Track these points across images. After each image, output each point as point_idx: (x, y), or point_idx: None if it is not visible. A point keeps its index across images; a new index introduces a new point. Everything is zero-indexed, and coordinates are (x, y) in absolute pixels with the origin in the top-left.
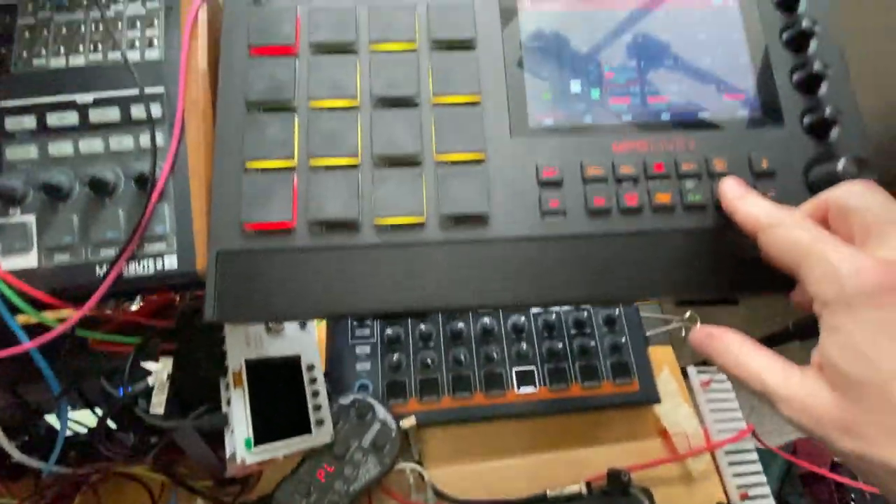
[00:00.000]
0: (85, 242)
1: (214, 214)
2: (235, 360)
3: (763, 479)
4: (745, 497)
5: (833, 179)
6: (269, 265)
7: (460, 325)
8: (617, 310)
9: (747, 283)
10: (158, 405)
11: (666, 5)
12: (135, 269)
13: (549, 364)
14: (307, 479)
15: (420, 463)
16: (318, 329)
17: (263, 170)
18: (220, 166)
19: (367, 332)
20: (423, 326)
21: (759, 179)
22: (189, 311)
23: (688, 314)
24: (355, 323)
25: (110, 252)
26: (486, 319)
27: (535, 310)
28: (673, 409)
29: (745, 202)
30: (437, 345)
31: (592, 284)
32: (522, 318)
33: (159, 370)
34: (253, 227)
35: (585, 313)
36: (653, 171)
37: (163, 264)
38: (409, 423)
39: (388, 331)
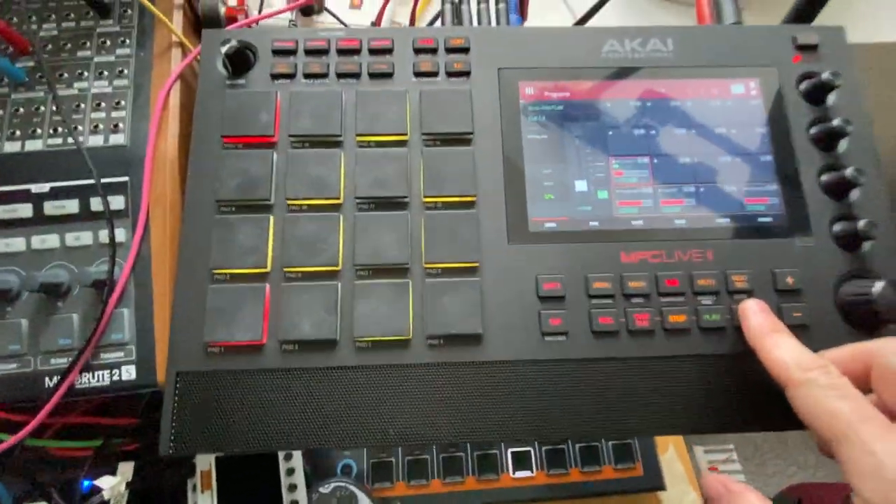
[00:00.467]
0: (34, 350)
1: (175, 329)
2: (205, 457)
3: None
4: None
5: (867, 302)
6: (236, 389)
7: None
8: None
9: (773, 419)
10: None
11: (681, 95)
12: (88, 379)
13: (547, 445)
14: None
15: None
16: None
17: (232, 277)
18: (184, 273)
19: None
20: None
21: (783, 297)
22: (154, 405)
23: None
24: None
25: (62, 361)
26: None
27: None
28: (679, 496)
29: (771, 343)
30: None
31: (597, 416)
32: None
33: (116, 484)
34: (218, 345)
35: None
36: (665, 286)
37: (120, 375)
38: None
39: None
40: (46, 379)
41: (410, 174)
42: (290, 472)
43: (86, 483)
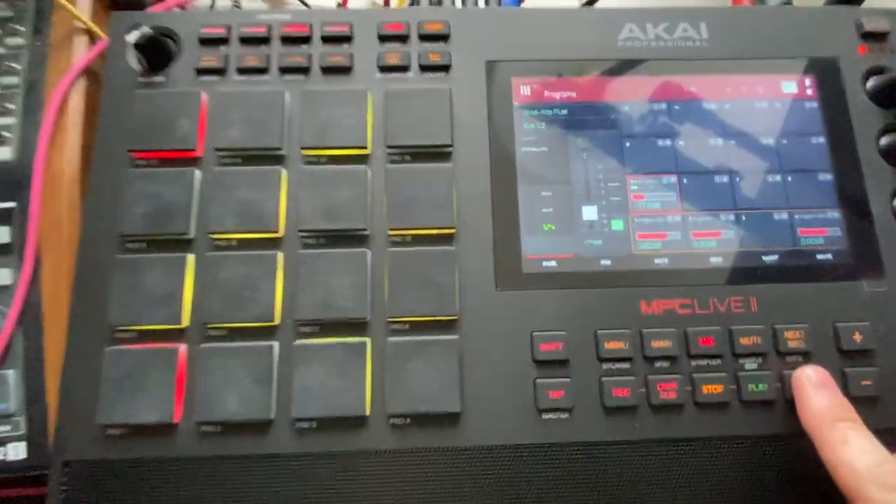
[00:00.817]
0: None
1: (63, 405)
2: None
3: None
4: None
5: None
6: (141, 483)
7: None
8: None
9: None
10: None
11: (718, 95)
12: None
13: None
14: None
15: None
16: None
17: (139, 336)
18: (77, 330)
19: None
20: None
21: (848, 360)
22: None
23: None
24: None
25: None
26: None
27: None
28: None
29: (838, 437)
30: None
31: None
32: None
33: None
34: (117, 427)
35: None
36: (698, 346)
37: (5, 453)
38: None
39: None
40: None
41: (372, 199)
42: None
43: None
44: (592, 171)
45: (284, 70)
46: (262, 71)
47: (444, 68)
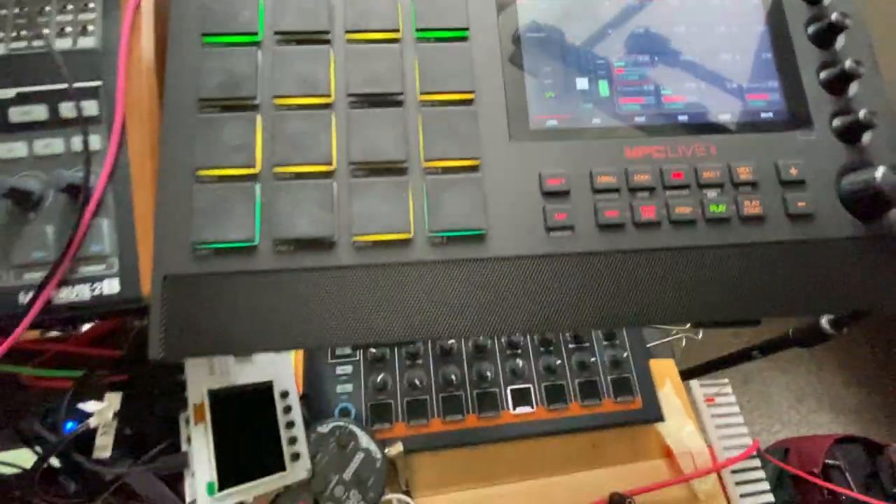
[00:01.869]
0: (5, 265)
1: (159, 232)
2: (197, 390)
3: (771, 498)
4: None
5: (870, 189)
6: (227, 291)
7: (450, 341)
8: None
9: (773, 304)
10: (103, 449)
11: None
12: (67, 294)
13: (547, 381)
14: None
15: (408, 493)
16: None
17: (219, 178)
18: (167, 174)
19: (348, 350)
20: (410, 345)
21: (788, 188)
22: (143, 337)
23: (688, 324)
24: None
25: (37, 275)
26: None
27: None
28: (677, 427)
29: None
30: (425, 363)
31: (604, 308)
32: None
33: (103, 409)
34: (207, 247)
35: None
36: (671, 180)
37: (101, 289)
38: (395, 450)
39: (373, 349)
40: (20, 294)
41: (405, 71)
42: (287, 410)
43: (69, 425)
44: (583, 51)
45: None
46: None
47: None
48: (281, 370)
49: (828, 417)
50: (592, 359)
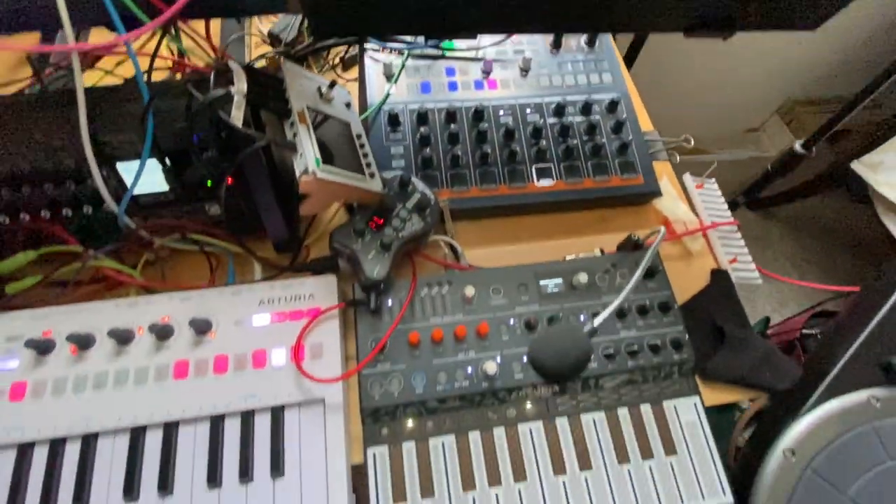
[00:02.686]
0: None
1: None
2: (298, 104)
3: (746, 250)
4: (733, 261)
5: None
6: None
7: (485, 125)
8: (624, 113)
9: None
10: (237, 118)
11: None
12: None
13: (565, 162)
14: (360, 226)
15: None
16: None
17: None
18: None
19: (399, 135)
20: (452, 126)
21: None
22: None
23: (683, 136)
24: (389, 128)
25: None
26: (509, 121)
27: (551, 119)
28: (672, 203)
29: None
30: (464, 144)
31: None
32: (541, 121)
33: (239, 83)
34: None
35: (597, 117)
36: None
37: None
38: (444, 202)
39: (422, 129)
40: None
41: None
42: (362, 146)
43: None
44: None
45: None
46: None
47: None
48: (354, 121)
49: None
50: (602, 144)
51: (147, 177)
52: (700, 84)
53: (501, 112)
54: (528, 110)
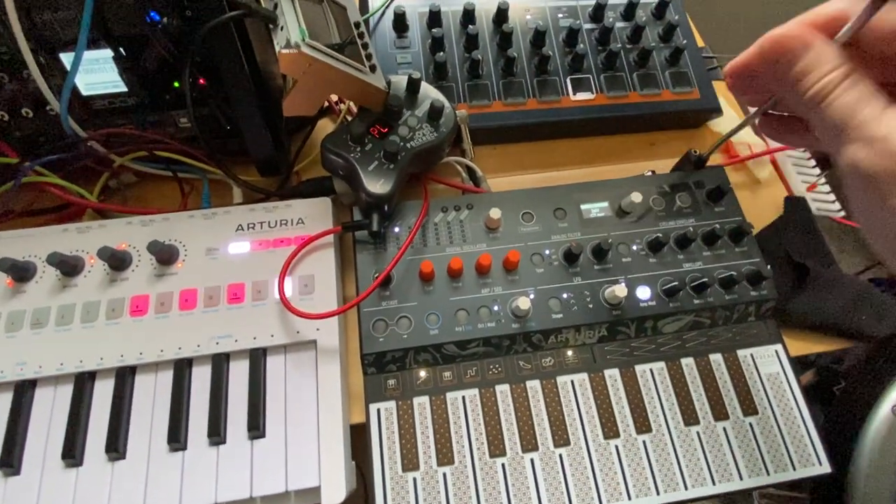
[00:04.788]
0: None
1: None
2: None
3: (823, 179)
4: (812, 188)
5: None
6: None
7: (509, 27)
8: (676, 16)
9: None
10: None
11: None
12: None
13: (606, 73)
14: (359, 130)
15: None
16: None
17: None
18: None
19: (406, 41)
20: (470, 28)
21: None
22: None
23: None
24: (394, 32)
25: None
26: (539, 22)
27: (587, 25)
28: (734, 123)
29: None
30: (484, 50)
31: None
32: (577, 22)
33: None
34: None
35: (644, 18)
36: None
37: None
38: (461, 114)
39: (434, 31)
40: None
41: None
42: (361, 35)
43: None
44: None
45: None
46: None
47: None
48: (351, 4)
49: None
50: (650, 52)
51: (100, 75)
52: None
53: (528, 16)
54: (560, 14)
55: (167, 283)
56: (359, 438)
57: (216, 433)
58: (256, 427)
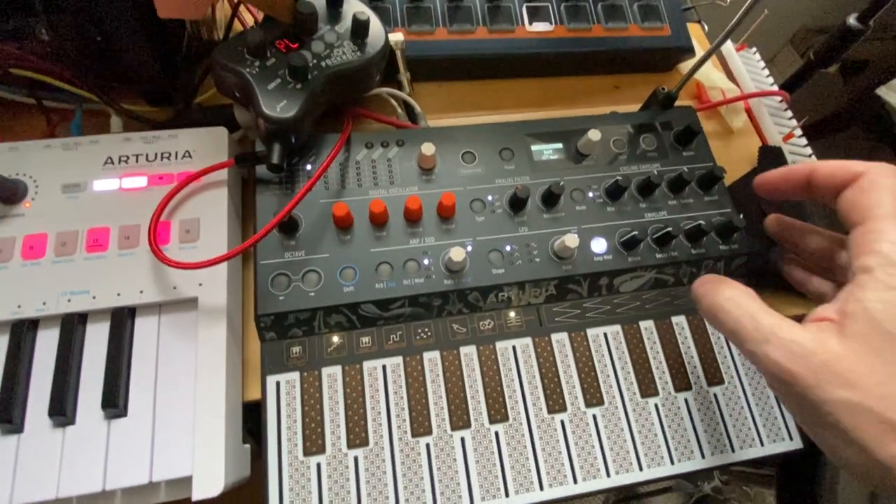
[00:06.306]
0: None
1: None
2: None
3: (800, 130)
4: (789, 137)
5: None
6: None
7: None
8: None
9: None
10: None
11: None
12: None
13: (567, 1)
14: (257, 39)
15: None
16: None
17: None
18: None
19: None
20: None
21: None
22: None
23: None
24: None
25: None
26: None
27: None
28: (706, 68)
29: None
30: None
31: None
32: None
33: None
34: None
35: None
36: None
37: None
38: (396, 37)
39: None
40: None
41: None
42: None
43: None
44: None
45: None
46: None
47: None
48: None
49: None
50: None
51: None
52: None
53: None
54: None
55: (8, 226)
56: (256, 416)
57: (60, 411)
58: (114, 404)
